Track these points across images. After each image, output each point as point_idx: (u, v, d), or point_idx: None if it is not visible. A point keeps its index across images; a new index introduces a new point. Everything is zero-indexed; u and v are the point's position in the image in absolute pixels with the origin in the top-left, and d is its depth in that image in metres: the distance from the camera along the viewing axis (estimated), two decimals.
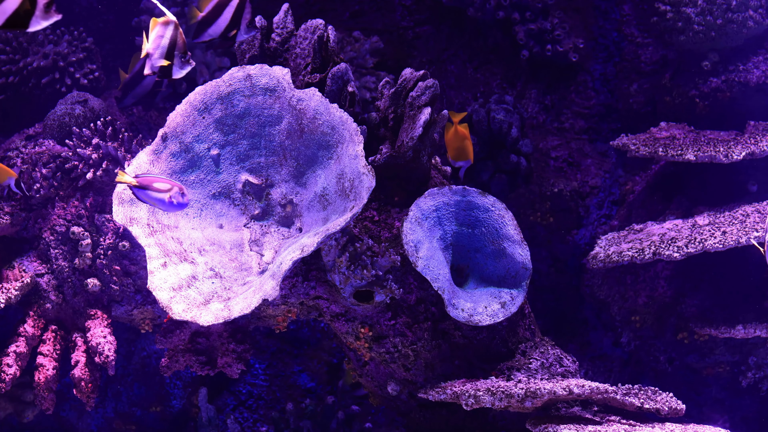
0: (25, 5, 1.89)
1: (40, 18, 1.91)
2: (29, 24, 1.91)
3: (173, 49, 2.19)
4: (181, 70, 2.24)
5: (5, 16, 1.90)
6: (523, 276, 2.53)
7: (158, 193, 2.29)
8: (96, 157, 2.71)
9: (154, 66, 2.22)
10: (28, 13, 1.90)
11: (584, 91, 3.27)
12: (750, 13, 2.98)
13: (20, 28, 1.91)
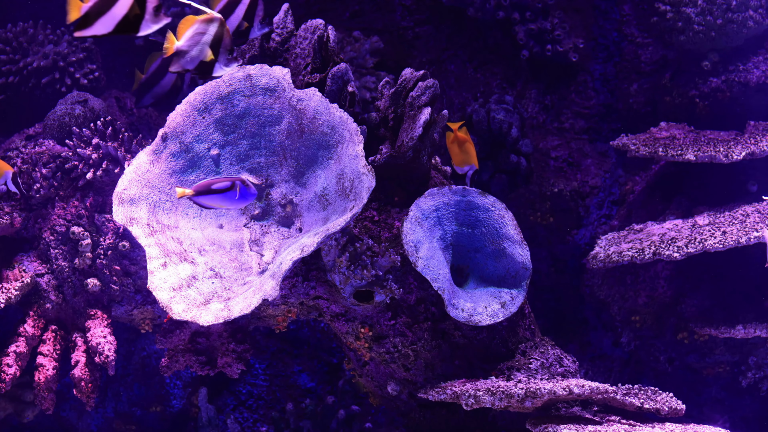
0: (135, 10, 1.88)
1: (150, 21, 1.91)
2: (140, 28, 1.90)
3: (217, 46, 2.10)
4: (225, 68, 2.15)
5: (116, 21, 1.89)
6: (523, 276, 2.53)
7: (222, 196, 2.23)
8: (96, 157, 2.71)
9: (187, 63, 2.12)
10: (138, 18, 1.89)
11: (584, 91, 3.27)
12: (750, 13, 2.98)
13: (131, 32, 1.91)
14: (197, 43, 2.11)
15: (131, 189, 2.45)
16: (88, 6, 1.89)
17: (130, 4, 1.89)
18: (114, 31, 1.90)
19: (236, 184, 2.22)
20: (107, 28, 1.90)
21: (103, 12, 1.89)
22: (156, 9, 1.90)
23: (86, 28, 1.91)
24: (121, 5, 1.89)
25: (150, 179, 2.47)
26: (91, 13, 1.89)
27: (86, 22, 1.90)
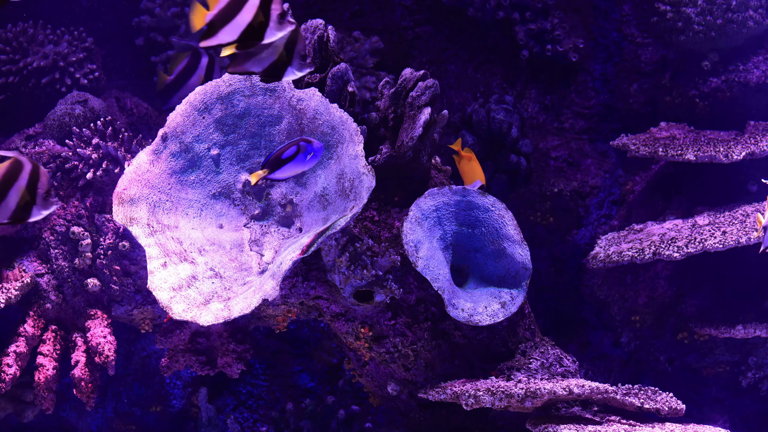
0: (259, 17, 1.86)
1: (274, 29, 1.88)
2: (264, 35, 1.88)
3: (291, 50, 2.02)
4: (297, 72, 2.06)
5: (241, 28, 1.87)
6: (523, 276, 2.53)
7: (294, 163, 2.18)
8: (96, 157, 2.71)
9: (254, 65, 2.02)
10: (262, 25, 1.87)
11: (584, 91, 3.27)
12: (750, 13, 2.98)
13: (256, 40, 1.88)
14: (269, 45, 2.02)
15: (131, 189, 2.45)
16: (212, 14, 1.87)
17: (255, 11, 1.86)
18: (239, 39, 1.88)
19: (301, 145, 2.18)
20: (232, 36, 1.87)
21: (228, 20, 1.86)
22: (280, 16, 1.88)
23: (211, 37, 1.89)
24: (245, 13, 1.86)
25: (150, 179, 2.47)
26: (216, 21, 1.87)
27: (211, 31, 1.88)
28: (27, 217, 1.92)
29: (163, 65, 3.15)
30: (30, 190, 1.90)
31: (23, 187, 1.89)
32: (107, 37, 3.28)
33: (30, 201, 1.90)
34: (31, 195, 1.90)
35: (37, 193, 1.90)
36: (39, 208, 1.92)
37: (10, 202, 1.90)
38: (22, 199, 1.90)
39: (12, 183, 1.90)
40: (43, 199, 1.91)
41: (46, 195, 1.91)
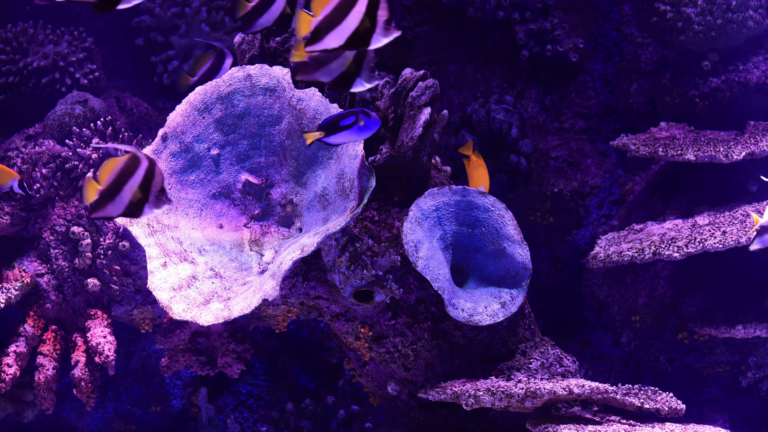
0: (366, 23, 1.85)
1: (380, 35, 1.87)
2: (370, 42, 1.87)
3: (360, 61, 2.02)
4: (365, 83, 2.04)
5: (347, 34, 1.86)
6: (523, 276, 2.53)
7: (349, 132, 2.16)
8: (96, 157, 2.71)
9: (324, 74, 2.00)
10: (368, 31, 1.86)
11: (584, 91, 3.27)
12: (750, 13, 2.98)
13: (362, 46, 1.87)
14: (338, 56, 2.01)
15: None
16: (318, 20, 1.86)
17: (361, 17, 1.85)
18: (344, 45, 1.86)
19: (360, 116, 2.17)
20: (338, 41, 1.85)
21: (334, 26, 1.85)
22: (387, 22, 1.87)
23: (316, 42, 1.88)
24: (352, 19, 1.84)
25: None
26: (322, 27, 1.86)
27: (316, 37, 1.87)
28: (139, 214, 1.93)
29: (158, 65, 3.15)
30: (144, 187, 1.90)
31: (138, 184, 1.90)
32: (107, 37, 3.28)
33: (143, 198, 1.90)
34: (145, 192, 1.90)
35: (151, 191, 1.91)
36: (151, 206, 1.92)
37: (123, 198, 1.90)
38: (135, 196, 1.90)
39: (127, 179, 1.90)
40: (156, 197, 1.92)
41: (160, 193, 1.92)
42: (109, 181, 1.90)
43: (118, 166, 1.90)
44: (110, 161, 1.91)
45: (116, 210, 1.92)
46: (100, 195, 1.91)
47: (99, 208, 1.92)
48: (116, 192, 1.91)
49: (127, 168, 1.91)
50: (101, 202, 1.91)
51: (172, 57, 3.14)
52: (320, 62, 2.01)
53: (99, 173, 1.91)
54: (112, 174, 1.91)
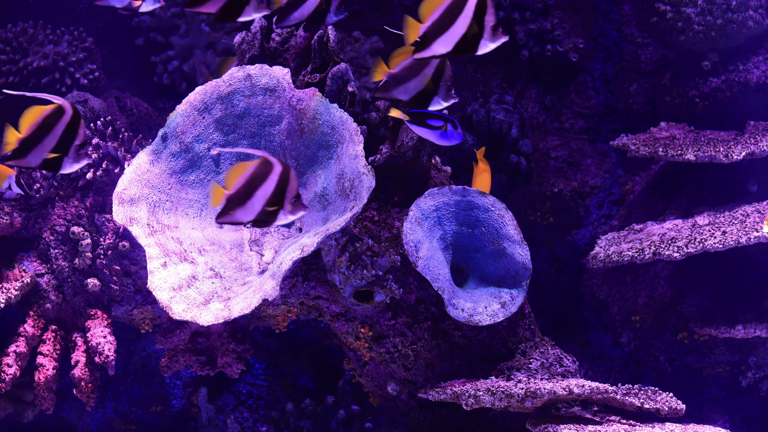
0: (474, 29, 1.85)
1: (488, 40, 1.88)
2: (478, 47, 1.87)
3: (438, 79, 2.03)
4: (442, 102, 2.05)
5: (455, 40, 1.86)
6: (523, 276, 2.53)
7: (431, 132, 2.22)
8: (96, 157, 2.71)
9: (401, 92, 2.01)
10: (476, 37, 1.86)
11: (584, 91, 3.27)
12: (750, 13, 2.98)
13: (469, 52, 1.87)
14: (416, 74, 2.02)
15: (131, 189, 2.45)
16: (426, 26, 1.86)
17: (469, 22, 1.84)
18: (453, 50, 1.86)
19: (447, 125, 2.22)
20: (446, 47, 1.86)
21: (442, 32, 1.85)
22: (494, 27, 1.87)
23: (425, 49, 1.87)
24: (459, 25, 1.84)
25: (150, 179, 2.47)
26: (430, 33, 1.86)
27: (424, 43, 1.87)
28: (273, 221, 1.90)
29: (158, 65, 3.14)
30: (278, 193, 1.88)
31: (272, 190, 1.88)
32: (107, 37, 3.28)
33: (278, 205, 1.88)
34: (279, 199, 1.88)
35: (286, 197, 1.89)
36: (286, 213, 1.90)
37: (255, 204, 1.89)
38: (269, 203, 1.88)
39: (259, 184, 1.88)
40: (292, 204, 1.90)
41: (295, 200, 1.90)
42: (238, 186, 1.87)
43: (248, 171, 1.88)
44: (239, 165, 1.88)
45: (246, 216, 1.89)
46: (227, 200, 1.88)
47: (226, 213, 1.89)
48: (246, 197, 1.88)
49: (259, 173, 1.88)
50: (229, 207, 1.88)
51: (172, 57, 3.14)
52: (399, 80, 2.03)
53: (226, 177, 1.89)
54: (242, 179, 1.88)
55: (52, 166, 1.93)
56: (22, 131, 1.91)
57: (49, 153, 1.91)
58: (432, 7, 1.85)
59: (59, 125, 1.91)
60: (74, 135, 1.92)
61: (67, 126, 1.91)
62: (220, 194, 1.88)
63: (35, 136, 1.91)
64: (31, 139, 1.91)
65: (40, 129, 1.91)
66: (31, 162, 1.93)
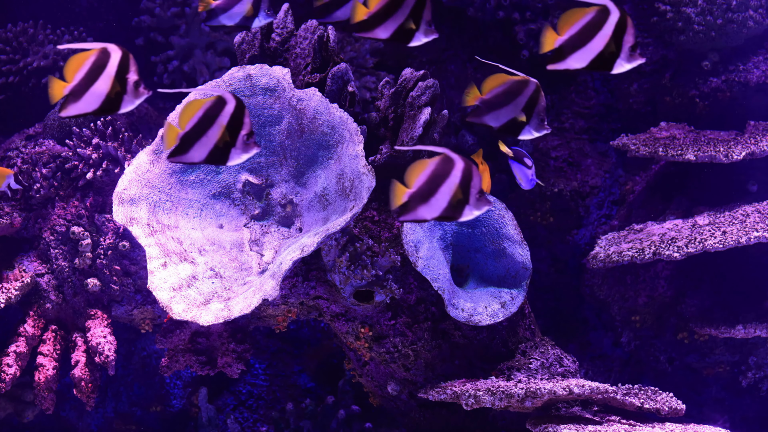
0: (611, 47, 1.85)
1: (624, 60, 1.87)
2: (613, 66, 1.86)
3: (531, 108, 2.03)
4: (534, 132, 2.05)
5: (592, 55, 1.85)
6: (523, 276, 2.53)
7: (521, 169, 2.34)
8: (96, 157, 2.71)
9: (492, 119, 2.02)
10: (613, 55, 1.85)
11: (584, 91, 3.27)
12: (750, 13, 2.98)
13: (605, 69, 1.85)
14: (510, 102, 2.03)
15: (131, 189, 2.45)
16: (563, 39, 1.86)
17: (607, 41, 1.84)
18: (587, 66, 1.86)
19: (532, 167, 2.36)
20: (582, 63, 1.86)
21: (579, 47, 1.86)
22: (632, 48, 1.86)
23: (559, 61, 1.88)
24: (598, 41, 1.84)
25: (150, 179, 2.47)
26: (566, 47, 1.86)
27: (560, 56, 1.87)
28: (459, 216, 1.89)
29: (158, 65, 3.14)
30: (464, 188, 1.87)
31: (456, 185, 1.87)
32: (107, 37, 3.28)
33: (463, 200, 1.87)
34: (464, 194, 1.87)
35: (470, 192, 1.88)
36: (471, 208, 1.90)
37: (440, 200, 1.87)
38: (454, 197, 1.87)
39: (443, 180, 1.87)
40: (477, 199, 1.89)
41: (480, 195, 1.89)
42: (420, 183, 1.87)
43: (429, 168, 1.87)
44: (419, 163, 1.88)
45: (430, 213, 1.88)
46: (409, 197, 1.87)
47: (408, 210, 1.89)
48: (430, 194, 1.88)
49: (441, 169, 1.88)
50: (411, 204, 1.88)
51: (172, 57, 3.14)
52: (492, 107, 2.02)
53: (406, 175, 1.87)
54: (423, 176, 1.88)
55: (219, 159, 1.90)
56: (182, 126, 1.87)
57: (215, 145, 1.87)
58: (572, 20, 1.85)
59: (222, 116, 1.87)
60: (240, 125, 1.89)
61: (231, 117, 1.89)
62: (402, 192, 1.88)
63: (197, 130, 1.88)
64: (193, 134, 1.88)
65: (201, 122, 1.88)
66: (195, 157, 1.89)
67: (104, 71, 1.87)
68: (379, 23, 1.93)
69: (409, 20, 1.91)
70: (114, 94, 1.87)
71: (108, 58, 1.88)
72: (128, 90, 1.88)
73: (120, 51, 1.87)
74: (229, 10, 2.17)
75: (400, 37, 1.93)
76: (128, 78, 1.88)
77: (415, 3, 1.91)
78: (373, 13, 1.93)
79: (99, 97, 1.86)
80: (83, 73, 1.87)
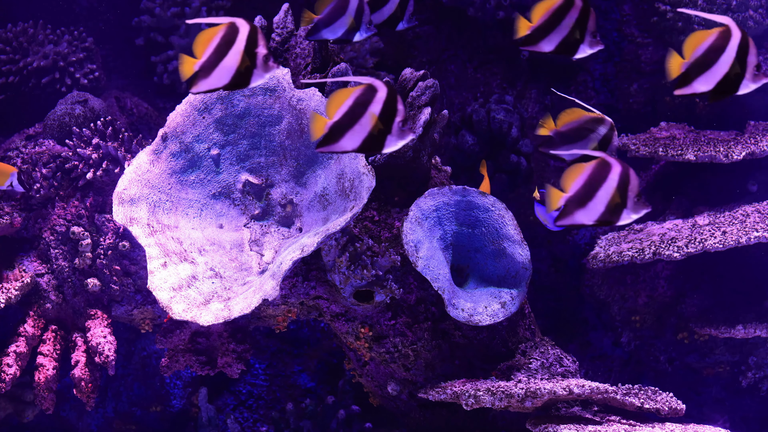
0: (735, 69, 1.86)
1: (749, 81, 1.88)
2: (739, 87, 1.87)
3: (605, 145, 2.06)
4: None
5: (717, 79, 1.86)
6: (523, 276, 2.53)
7: None
8: (96, 157, 2.71)
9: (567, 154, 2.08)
10: (738, 77, 1.87)
11: (584, 91, 3.27)
12: (750, 13, 2.98)
13: (730, 93, 1.87)
14: (583, 138, 2.08)
15: (131, 189, 2.45)
16: (688, 63, 1.87)
17: (732, 62, 1.85)
18: (714, 90, 1.88)
19: None
20: (708, 85, 1.88)
21: (704, 70, 1.87)
22: (757, 67, 1.87)
23: (686, 86, 1.89)
24: (722, 63, 1.85)
25: (150, 179, 2.47)
26: (691, 71, 1.87)
27: (686, 80, 1.89)
28: (617, 220, 1.90)
29: (158, 65, 3.14)
30: (621, 192, 1.87)
31: (614, 189, 1.87)
32: (107, 37, 3.28)
33: (621, 204, 1.88)
34: (622, 198, 1.88)
35: (628, 196, 1.88)
36: (629, 212, 1.90)
37: (598, 204, 1.88)
38: (612, 201, 1.88)
39: (600, 184, 1.88)
40: (635, 203, 1.89)
41: (638, 198, 1.89)
42: (577, 186, 1.87)
43: (585, 173, 1.87)
44: (576, 167, 1.88)
45: (588, 218, 1.89)
46: (567, 201, 1.88)
47: (565, 215, 1.89)
48: (587, 198, 1.88)
49: (598, 174, 1.88)
50: (568, 208, 1.88)
51: (172, 57, 3.14)
52: (565, 139, 2.07)
53: (563, 179, 1.89)
54: (580, 180, 1.88)
55: (375, 146, 1.87)
56: (330, 116, 1.85)
57: (369, 133, 1.86)
58: (695, 44, 1.87)
59: (374, 104, 1.85)
60: (394, 111, 1.87)
61: (384, 103, 1.86)
62: (558, 196, 1.88)
63: (348, 118, 1.85)
64: (344, 123, 1.86)
65: (352, 111, 1.86)
66: (346, 146, 1.87)
67: (233, 46, 1.87)
68: (544, 36, 1.97)
69: (575, 32, 1.94)
70: (244, 69, 1.87)
71: (236, 33, 1.87)
72: (258, 64, 1.88)
73: (248, 25, 1.87)
74: (332, 25, 2.18)
75: (565, 49, 1.97)
76: (257, 52, 1.88)
77: (579, 14, 1.94)
78: (536, 27, 1.97)
79: (229, 72, 1.87)
80: (212, 49, 1.87)
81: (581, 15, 1.95)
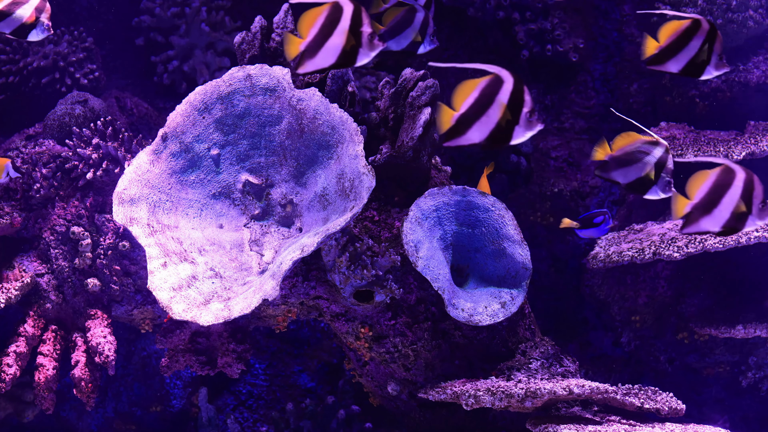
0: None
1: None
2: None
3: (661, 169, 2.07)
4: (661, 193, 2.09)
5: None
6: (523, 276, 2.53)
7: (596, 229, 2.52)
8: (96, 157, 2.71)
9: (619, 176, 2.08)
10: None
11: (584, 91, 3.27)
12: (750, 13, 2.98)
13: None
14: (638, 161, 2.07)
15: (131, 189, 2.45)
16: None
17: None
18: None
19: (607, 216, 2.50)
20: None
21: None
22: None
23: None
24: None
25: (150, 179, 2.47)
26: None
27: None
28: (741, 227, 1.89)
29: (158, 65, 3.14)
30: (746, 200, 1.87)
31: (738, 197, 1.87)
32: (107, 37, 3.28)
33: (746, 212, 1.87)
34: (747, 205, 1.88)
35: (753, 203, 1.88)
36: (754, 219, 1.90)
37: (723, 211, 1.88)
38: (737, 209, 1.88)
39: (724, 191, 1.88)
40: (759, 210, 1.89)
41: (763, 205, 1.88)
42: (702, 193, 1.86)
43: (710, 179, 1.88)
44: (700, 174, 1.87)
45: (714, 225, 1.89)
46: (692, 209, 1.87)
47: (691, 222, 1.90)
48: (713, 205, 1.88)
49: (722, 180, 1.87)
50: (693, 215, 1.88)
51: (172, 57, 3.14)
52: (620, 163, 2.07)
53: (687, 186, 1.88)
54: (705, 186, 1.88)
55: (503, 138, 1.84)
56: (456, 108, 1.83)
57: (497, 124, 1.83)
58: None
59: (501, 94, 1.83)
60: (522, 102, 1.84)
61: (511, 94, 1.83)
62: (684, 204, 1.88)
63: (475, 110, 1.83)
64: (471, 114, 1.83)
65: (479, 102, 1.83)
66: (474, 138, 1.84)
67: (338, 25, 1.86)
68: (671, 57, 2.00)
69: (702, 53, 1.98)
70: (350, 48, 1.85)
71: (341, 12, 1.86)
72: (363, 43, 1.87)
73: (352, 5, 1.86)
74: (397, 36, 2.18)
75: (692, 70, 2.00)
76: (362, 31, 1.87)
77: (706, 36, 1.97)
78: (664, 47, 2.00)
79: (335, 52, 1.86)
80: (317, 28, 1.85)
81: (708, 37, 1.98)
